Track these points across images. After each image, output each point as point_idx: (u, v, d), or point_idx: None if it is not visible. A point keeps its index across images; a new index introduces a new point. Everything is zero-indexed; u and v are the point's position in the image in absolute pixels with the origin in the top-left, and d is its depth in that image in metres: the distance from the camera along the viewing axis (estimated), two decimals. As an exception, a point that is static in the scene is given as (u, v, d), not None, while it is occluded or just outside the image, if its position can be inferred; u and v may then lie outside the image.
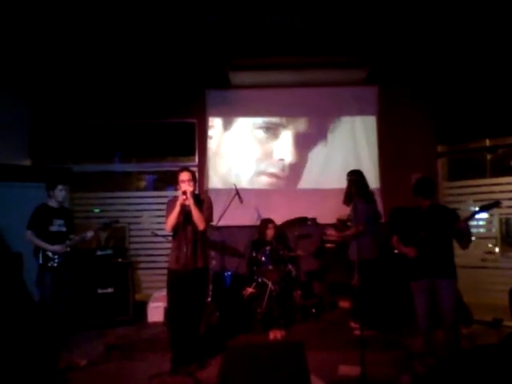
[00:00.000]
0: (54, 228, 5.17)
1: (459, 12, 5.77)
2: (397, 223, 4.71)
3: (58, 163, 7.42)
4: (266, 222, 6.66)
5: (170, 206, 4.54)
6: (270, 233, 6.56)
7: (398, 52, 7.04)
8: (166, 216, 4.54)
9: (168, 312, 4.66)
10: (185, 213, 4.43)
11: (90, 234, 5.33)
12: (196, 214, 4.40)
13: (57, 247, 5.06)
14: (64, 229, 5.23)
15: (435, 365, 2.02)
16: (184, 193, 4.35)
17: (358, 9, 5.85)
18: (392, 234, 4.63)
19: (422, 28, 6.27)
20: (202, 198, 4.64)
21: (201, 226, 4.45)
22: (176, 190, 4.53)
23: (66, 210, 5.43)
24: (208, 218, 4.58)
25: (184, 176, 4.48)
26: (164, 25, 6.16)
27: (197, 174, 7.42)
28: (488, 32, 6.19)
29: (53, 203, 5.23)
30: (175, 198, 4.53)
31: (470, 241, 4.34)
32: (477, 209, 4.31)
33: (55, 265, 5.02)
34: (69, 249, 5.16)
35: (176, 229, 4.49)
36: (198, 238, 4.53)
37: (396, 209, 5.92)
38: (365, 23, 6.19)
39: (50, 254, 5.04)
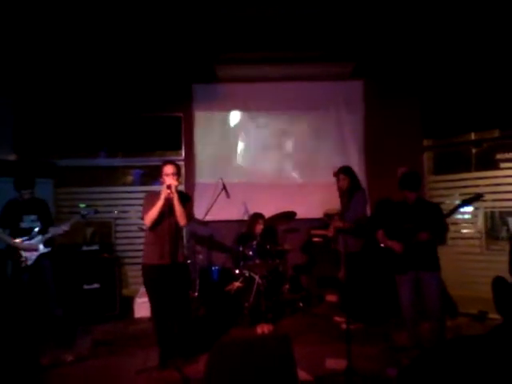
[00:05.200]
0: (24, 224, 5.03)
1: (445, 6, 5.79)
2: (382, 217, 4.74)
3: (43, 157, 7.33)
4: (257, 216, 6.66)
5: (149, 200, 4.49)
6: (258, 228, 6.56)
7: (384, 46, 7.03)
8: (145, 210, 4.48)
9: (153, 309, 4.63)
10: (168, 207, 4.39)
11: (64, 227, 5.15)
12: (179, 210, 4.37)
13: (27, 244, 4.94)
14: (38, 224, 5.09)
15: (419, 355, 2.03)
16: (169, 187, 4.31)
17: (344, 2, 5.84)
18: (377, 228, 4.66)
19: (408, 22, 6.28)
20: (185, 194, 4.62)
21: (183, 221, 4.43)
22: (161, 183, 4.47)
23: (39, 204, 5.23)
24: (190, 214, 4.57)
25: (168, 169, 4.43)
26: (150, 19, 6.11)
27: (183, 169, 7.48)
28: (474, 27, 6.21)
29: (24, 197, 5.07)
30: (155, 193, 4.51)
31: (445, 235, 4.42)
32: (458, 202, 4.36)
33: (30, 262, 4.89)
34: (41, 245, 5.00)
35: (156, 223, 4.43)
36: (178, 232, 4.53)
37: (381, 201, 5.96)
38: (350, 17, 6.18)
39: (21, 253, 4.92)
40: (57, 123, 7.58)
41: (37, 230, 5.07)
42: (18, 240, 4.94)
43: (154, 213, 4.37)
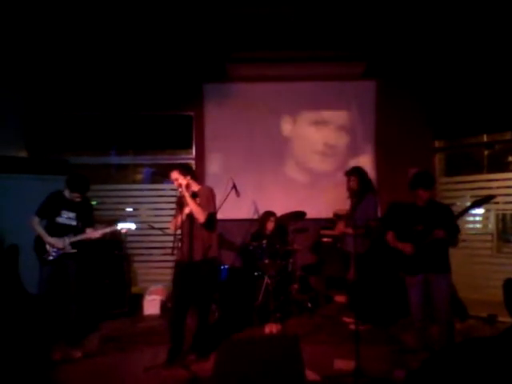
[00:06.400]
0: (60, 220, 4.96)
1: (457, 7, 5.76)
2: (393, 219, 4.71)
3: (54, 155, 7.39)
4: (268, 214, 6.64)
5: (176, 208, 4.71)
6: (269, 226, 6.55)
7: (395, 46, 7.00)
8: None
9: (172, 303, 4.68)
10: (180, 206, 4.50)
11: (96, 234, 5.06)
12: (193, 207, 4.43)
13: (53, 240, 4.87)
14: (74, 222, 5.00)
15: (428, 358, 2.02)
16: (179, 186, 4.45)
17: (356, 2, 5.82)
18: (387, 230, 4.65)
19: (420, 23, 6.25)
20: (197, 192, 4.62)
21: (200, 219, 4.46)
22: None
23: (82, 203, 5.11)
24: (208, 209, 4.55)
25: (171, 176, 4.59)
26: (162, 18, 6.13)
27: (193, 167, 7.51)
28: (486, 27, 6.17)
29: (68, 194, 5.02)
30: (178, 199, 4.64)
31: (457, 237, 4.38)
32: (469, 204, 4.32)
33: (50, 258, 4.87)
34: (68, 245, 4.92)
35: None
36: (194, 230, 4.52)
37: (393, 204, 5.92)
38: (363, 17, 6.16)
39: (47, 247, 4.87)
40: (68, 121, 7.63)
41: (72, 227, 4.99)
42: (51, 239, 4.87)
43: (174, 221, 4.59)
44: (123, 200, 7.76)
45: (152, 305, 6.42)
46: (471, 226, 7.36)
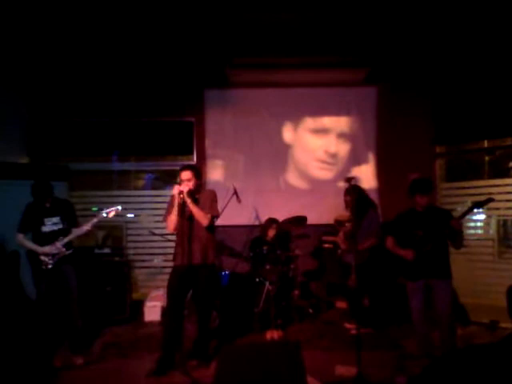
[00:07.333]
0: (46, 228, 4.84)
1: (459, 12, 5.78)
2: (392, 224, 4.71)
3: (56, 161, 7.39)
4: (271, 221, 6.63)
5: (167, 206, 4.61)
6: (271, 232, 6.55)
7: (397, 52, 7.03)
8: (165, 214, 4.60)
9: (166, 309, 4.65)
10: (181, 210, 4.42)
11: (86, 227, 4.92)
12: (196, 212, 4.41)
13: (47, 248, 4.74)
14: (60, 226, 4.88)
15: (430, 364, 2.03)
16: (181, 193, 4.35)
17: (358, 8, 5.84)
18: (386, 235, 4.65)
19: (422, 29, 6.27)
20: (198, 197, 4.59)
21: (203, 222, 4.45)
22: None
23: (62, 204, 5.04)
24: (212, 212, 4.55)
25: (184, 175, 4.50)
26: (163, 23, 6.15)
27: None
28: (488, 33, 6.19)
29: None
30: (173, 197, 4.51)
31: (463, 240, 4.38)
32: (469, 207, 4.32)
33: (50, 266, 4.74)
34: (63, 248, 4.80)
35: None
36: (194, 233, 4.48)
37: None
38: (365, 23, 6.19)
39: (42, 257, 4.74)
40: (70, 127, 7.65)
41: (59, 231, 4.85)
42: (43, 248, 4.73)
43: (171, 220, 4.48)
44: (125, 206, 7.72)
45: (153, 311, 6.41)
46: (472, 231, 7.36)
